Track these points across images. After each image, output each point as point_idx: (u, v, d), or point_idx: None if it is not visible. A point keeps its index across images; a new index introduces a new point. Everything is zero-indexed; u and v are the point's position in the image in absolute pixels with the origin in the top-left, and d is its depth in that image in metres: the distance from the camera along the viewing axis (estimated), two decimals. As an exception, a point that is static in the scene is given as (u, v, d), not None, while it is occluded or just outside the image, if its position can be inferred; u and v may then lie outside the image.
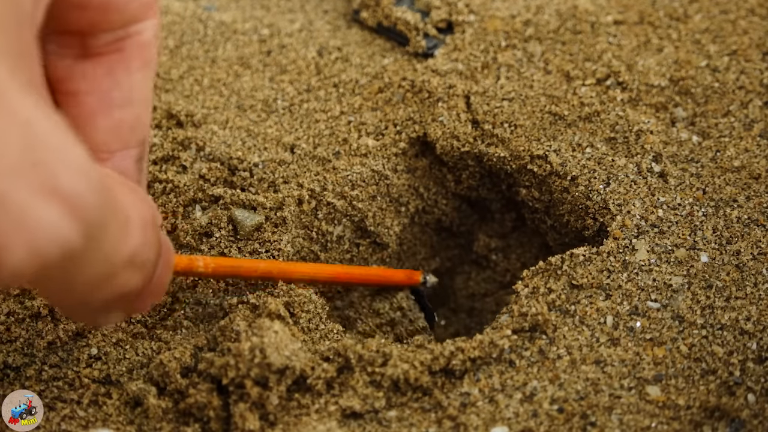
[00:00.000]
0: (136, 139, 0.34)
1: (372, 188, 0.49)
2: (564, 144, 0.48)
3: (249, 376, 0.37)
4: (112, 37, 0.32)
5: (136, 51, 0.33)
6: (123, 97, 0.33)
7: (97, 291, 0.29)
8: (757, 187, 0.45)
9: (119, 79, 0.33)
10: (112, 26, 0.32)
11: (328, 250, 0.49)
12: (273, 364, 0.37)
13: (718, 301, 0.41)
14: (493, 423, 0.37)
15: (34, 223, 0.23)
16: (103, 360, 0.41)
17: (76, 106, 0.33)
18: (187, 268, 0.39)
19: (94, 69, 0.32)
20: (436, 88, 0.51)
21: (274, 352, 0.38)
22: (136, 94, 0.33)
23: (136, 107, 0.34)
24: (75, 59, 0.32)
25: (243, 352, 0.37)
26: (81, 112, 0.33)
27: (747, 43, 0.52)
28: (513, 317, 0.41)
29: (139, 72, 0.33)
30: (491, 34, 0.54)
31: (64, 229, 0.24)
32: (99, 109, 0.33)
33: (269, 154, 0.49)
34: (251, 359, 0.37)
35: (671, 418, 0.37)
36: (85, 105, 0.33)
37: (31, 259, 0.24)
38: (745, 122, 0.48)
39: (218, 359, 0.38)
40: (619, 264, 0.42)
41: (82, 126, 0.33)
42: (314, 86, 0.53)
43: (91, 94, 0.33)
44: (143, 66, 0.33)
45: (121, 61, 0.33)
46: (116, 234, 0.28)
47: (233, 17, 0.59)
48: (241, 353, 0.37)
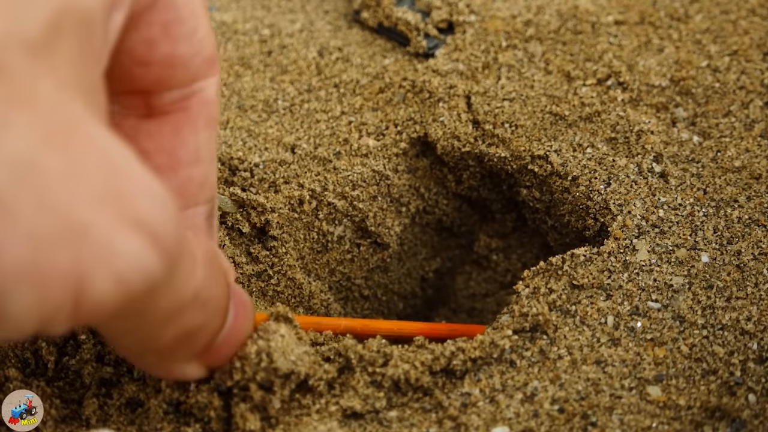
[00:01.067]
0: (204, 196, 0.34)
1: (373, 188, 0.49)
2: (565, 144, 0.48)
3: (254, 380, 0.37)
4: (177, 95, 0.32)
5: (201, 109, 0.33)
6: (190, 156, 0.33)
7: (164, 329, 0.29)
8: (758, 188, 0.45)
9: (185, 138, 0.32)
10: (176, 84, 0.32)
11: (329, 251, 0.49)
12: (280, 369, 0.37)
13: (718, 302, 0.41)
14: (494, 423, 0.37)
15: (118, 253, 0.23)
16: (104, 360, 0.41)
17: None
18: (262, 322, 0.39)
19: (159, 128, 0.32)
20: (437, 89, 0.51)
21: (280, 357, 0.37)
22: (202, 152, 0.33)
23: (204, 165, 0.33)
24: (140, 119, 0.32)
25: (249, 356, 0.37)
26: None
27: (748, 43, 0.52)
28: (514, 317, 0.41)
29: (204, 130, 0.33)
30: (492, 34, 0.54)
31: (148, 259, 0.24)
32: (166, 168, 0.32)
33: (270, 154, 0.49)
34: (257, 363, 0.37)
35: (672, 419, 0.37)
36: (152, 164, 0.32)
37: (116, 288, 0.23)
38: (746, 122, 0.48)
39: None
40: (619, 264, 0.42)
41: None
42: (315, 86, 0.53)
43: (158, 154, 0.32)
44: (208, 124, 0.33)
45: (187, 120, 0.32)
46: (187, 267, 0.28)
47: (234, 17, 0.59)
48: (247, 356, 0.37)
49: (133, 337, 0.30)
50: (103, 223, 0.23)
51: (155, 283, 0.25)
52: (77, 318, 0.23)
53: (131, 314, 0.27)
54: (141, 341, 0.30)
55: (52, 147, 0.22)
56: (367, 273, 0.51)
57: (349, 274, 0.51)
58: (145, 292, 0.25)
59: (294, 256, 0.47)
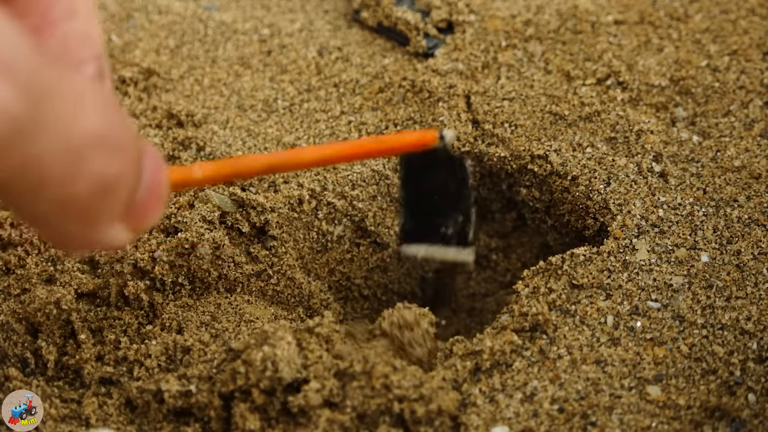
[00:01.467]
0: (88, 52, 0.33)
1: (372, 188, 0.49)
2: (564, 144, 0.48)
3: (257, 386, 0.37)
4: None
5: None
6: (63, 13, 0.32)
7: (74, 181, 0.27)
8: (758, 187, 0.45)
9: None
10: None
11: (329, 250, 0.49)
12: (284, 378, 0.37)
13: (718, 301, 0.41)
14: (494, 423, 0.37)
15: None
16: (104, 360, 0.41)
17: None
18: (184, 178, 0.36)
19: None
20: (437, 88, 0.51)
21: (285, 367, 0.37)
22: (77, 7, 0.32)
23: (81, 21, 0.32)
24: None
25: (254, 363, 0.37)
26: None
27: (747, 42, 0.52)
28: (513, 317, 0.41)
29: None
30: (492, 33, 0.54)
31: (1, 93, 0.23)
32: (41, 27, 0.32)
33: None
34: (262, 370, 0.37)
35: (672, 418, 0.37)
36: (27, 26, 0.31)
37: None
38: (746, 122, 0.48)
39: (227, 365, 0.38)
40: (619, 264, 0.42)
41: None
42: (315, 86, 0.53)
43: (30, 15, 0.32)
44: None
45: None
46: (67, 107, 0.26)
47: (234, 17, 0.59)
48: (252, 363, 0.37)
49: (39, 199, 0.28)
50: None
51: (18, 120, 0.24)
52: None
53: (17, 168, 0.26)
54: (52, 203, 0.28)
55: None
56: (366, 273, 0.51)
57: (349, 273, 0.51)
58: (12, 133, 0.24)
59: (293, 255, 0.47)
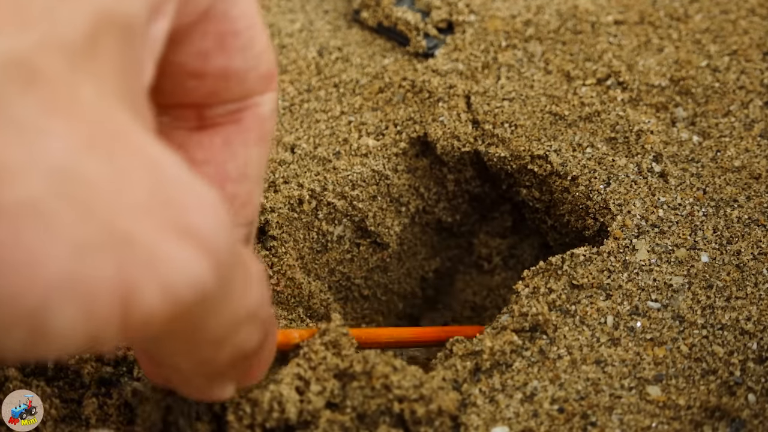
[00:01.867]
0: (245, 217, 0.32)
1: (372, 188, 0.49)
2: (564, 144, 0.48)
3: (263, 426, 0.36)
4: (231, 108, 0.31)
5: (254, 124, 0.31)
6: (238, 171, 0.31)
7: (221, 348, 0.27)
8: (758, 187, 0.45)
9: (235, 152, 0.31)
10: (230, 98, 0.30)
11: (329, 250, 0.49)
12: (291, 419, 0.36)
13: (718, 301, 0.41)
14: (494, 423, 0.37)
15: (166, 263, 0.22)
16: (104, 360, 0.41)
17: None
18: (285, 341, 0.38)
19: (210, 139, 0.31)
20: (437, 88, 0.51)
21: (292, 408, 0.36)
22: (251, 169, 0.31)
23: (249, 184, 0.32)
24: (191, 131, 0.31)
25: (261, 404, 0.36)
26: None
27: (747, 43, 0.52)
28: (513, 317, 0.41)
29: (255, 146, 0.31)
30: (492, 34, 0.54)
31: (198, 268, 0.22)
32: (213, 181, 0.31)
33: (269, 154, 0.49)
34: (269, 411, 0.36)
35: (672, 418, 0.37)
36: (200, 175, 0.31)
37: (165, 299, 0.22)
38: (746, 122, 0.48)
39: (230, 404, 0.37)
40: (619, 264, 0.42)
41: None
42: (314, 86, 0.53)
43: (206, 165, 0.31)
44: (260, 140, 0.31)
45: (239, 133, 0.31)
46: (242, 283, 0.26)
47: (233, 17, 0.59)
48: (258, 404, 0.36)
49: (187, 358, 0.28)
50: (149, 231, 0.21)
51: (207, 294, 0.23)
52: (126, 332, 0.22)
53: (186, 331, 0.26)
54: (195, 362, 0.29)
55: (96, 153, 0.21)
56: (366, 273, 0.51)
57: (349, 273, 0.51)
58: (197, 304, 0.23)
59: (293, 255, 0.47)
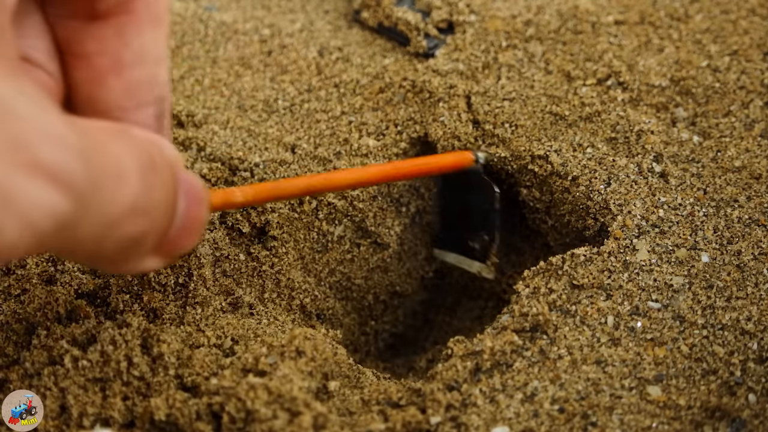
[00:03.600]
0: (151, 96, 0.34)
1: (372, 188, 0.49)
2: (565, 144, 0.48)
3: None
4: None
5: (145, 10, 0.33)
6: (134, 58, 0.33)
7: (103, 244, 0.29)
8: (758, 187, 0.45)
9: (129, 40, 0.32)
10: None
11: (329, 250, 0.49)
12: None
13: (718, 301, 0.41)
14: (494, 423, 0.37)
15: (20, 199, 0.23)
16: (104, 360, 0.41)
17: (87, 67, 0.32)
18: (225, 201, 0.38)
19: (102, 30, 0.32)
20: (437, 88, 0.51)
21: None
22: (148, 53, 0.33)
23: (149, 66, 0.33)
24: (83, 21, 0.32)
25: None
26: (92, 73, 0.32)
27: (748, 43, 0.52)
28: (514, 317, 0.41)
29: (150, 31, 0.33)
30: (492, 34, 0.54)
31: (51, 199, 0.24)
32: (110, 69, 0.32)
33: (270, 154, 0.49)
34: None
35: (672, 418, 0.37)
36: (96, 66, 0.32)
37: (24, 232, 0.24)
38: (746, 122, 0.48)
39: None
40: (619, 264, 0.42)
41: (94, 87, 0.32)
42: (315, 86, 0.53)
43: (101, 56, 0.32)
44: (154, 24, 0.33)
45: (131, 22, 0.32)
46: (110, 188, 0.27)
47: (234, 17, 0.59)
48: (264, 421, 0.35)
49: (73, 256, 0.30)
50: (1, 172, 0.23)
51: (66, 218, 0.25)
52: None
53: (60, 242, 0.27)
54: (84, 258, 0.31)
55: None
56: (366, 273, 0.51)
57: (349, 274, 0.51)
58: (60, 228, 0.25)
59: (294, 255, 0.47)
